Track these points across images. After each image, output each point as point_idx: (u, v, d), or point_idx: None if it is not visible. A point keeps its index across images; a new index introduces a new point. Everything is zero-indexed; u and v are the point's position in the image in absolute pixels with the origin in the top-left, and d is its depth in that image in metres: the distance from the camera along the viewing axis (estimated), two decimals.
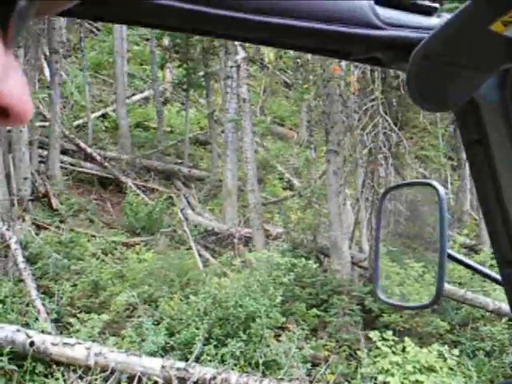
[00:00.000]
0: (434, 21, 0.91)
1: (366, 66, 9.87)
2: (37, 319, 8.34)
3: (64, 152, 13.70)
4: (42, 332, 7.85)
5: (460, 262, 1.21)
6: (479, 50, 0.81)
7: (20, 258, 9.28)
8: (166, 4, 0.77)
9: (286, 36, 0.85)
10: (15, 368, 7.38)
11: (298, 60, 13.78)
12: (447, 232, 1.16)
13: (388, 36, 0.87)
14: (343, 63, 9.96)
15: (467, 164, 1.11)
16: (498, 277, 1.10)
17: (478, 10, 0.72)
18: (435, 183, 1.21)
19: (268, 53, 19.23)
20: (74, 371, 7.46)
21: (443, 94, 0.90)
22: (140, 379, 7.38)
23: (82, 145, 14.07)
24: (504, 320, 9.44)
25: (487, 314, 9.70)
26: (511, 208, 1.04)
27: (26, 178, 11.53)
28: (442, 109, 1.03)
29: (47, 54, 14.18)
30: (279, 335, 8.79)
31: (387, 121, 10.27)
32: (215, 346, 8.13)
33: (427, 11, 0.92)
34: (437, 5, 0.92)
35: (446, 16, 0.86)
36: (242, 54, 11.94)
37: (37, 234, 10.48)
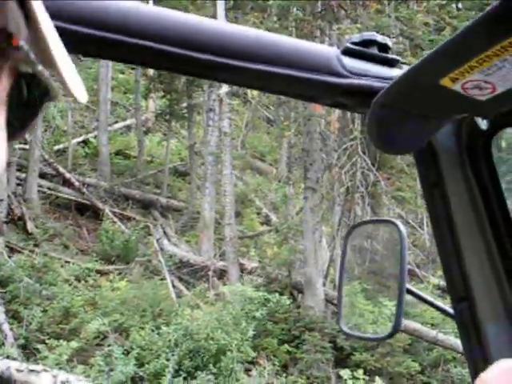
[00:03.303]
0: (396, 72, 0.99)
1: None
2: (3, 344, 8.19)
3: (42, 176, 13.63)
4: (8, 357, 7.70)
5: (417, 297, 1.28)
6: (431, 101, 0.89)
7: None
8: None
9: (252, 78, 0.93)
10: None
11: (281, 97, 13.98)
12: (406, 268, 1.22)
13: (350, 84, 0.95)
14: None
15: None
16: (452, 311, 1.17)
17: (428, 66, 0.80)
18: (396, 221, 1.28)
19: None
20: None
21: (400, 139, 0.98)
22: None
23: (61, 169, 14.02)
24: None
25: (458, 355, 9.74)
26: (464, 248, 1.12)
27: (1, 200, 11.44)
28: (399, 152, 1.11)
29: None
30: (250, 370, 8.74)
31: (365, 160, 10.44)
32: (184, 378, 8.05)
33: (390, 62, 1.01)
34: (398, 57, 1.01)
35: (407, 68, 0.95)
36: (225, 88, 12.09)
37: (9, 257, 10.35)
